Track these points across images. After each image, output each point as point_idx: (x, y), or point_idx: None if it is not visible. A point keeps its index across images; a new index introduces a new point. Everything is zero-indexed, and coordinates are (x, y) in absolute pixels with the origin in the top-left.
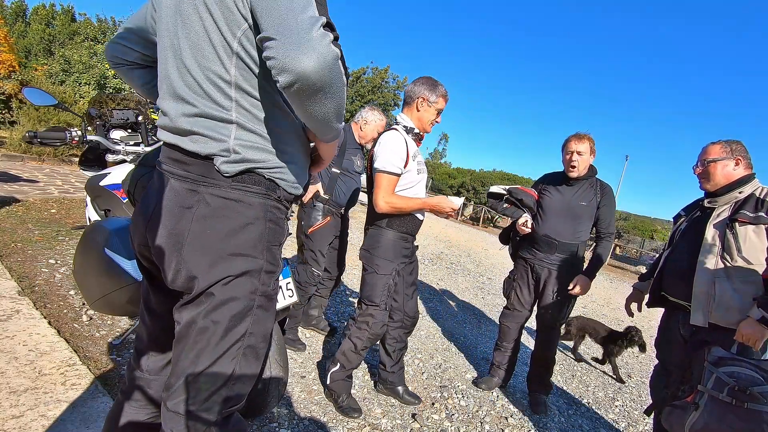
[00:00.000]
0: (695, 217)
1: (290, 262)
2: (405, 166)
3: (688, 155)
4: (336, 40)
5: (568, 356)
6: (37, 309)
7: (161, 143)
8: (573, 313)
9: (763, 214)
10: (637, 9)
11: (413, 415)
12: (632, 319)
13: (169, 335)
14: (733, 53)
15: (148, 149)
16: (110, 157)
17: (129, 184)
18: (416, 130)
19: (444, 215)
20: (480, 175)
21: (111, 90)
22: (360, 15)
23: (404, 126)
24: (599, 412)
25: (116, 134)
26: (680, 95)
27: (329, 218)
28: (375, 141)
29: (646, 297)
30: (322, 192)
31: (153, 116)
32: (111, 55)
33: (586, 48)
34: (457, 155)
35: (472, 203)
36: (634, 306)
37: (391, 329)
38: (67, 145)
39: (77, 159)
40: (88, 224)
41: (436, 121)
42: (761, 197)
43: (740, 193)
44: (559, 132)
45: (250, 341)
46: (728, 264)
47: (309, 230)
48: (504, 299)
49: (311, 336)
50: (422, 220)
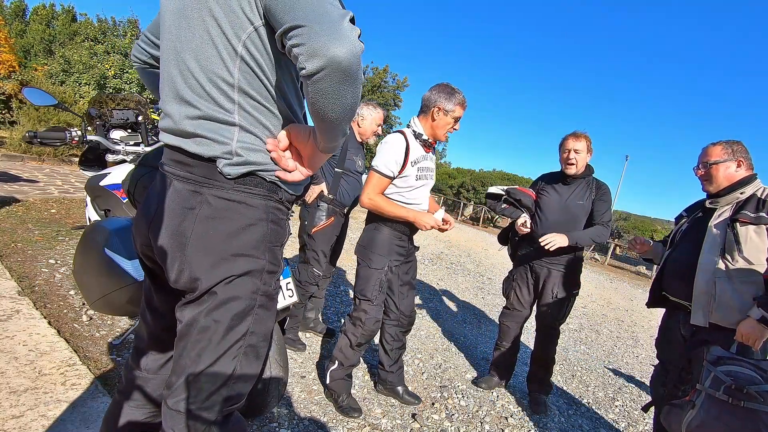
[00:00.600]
0: (696, 218)
1: (290, 262)
2: (401, 171)
3: (689, 155)
4: (359, 36)
5: (568, 356)
6: (37, 309)
7: (161, 143)
8: (573, 312)
9: (764, 215)
10: (638, 9)
11: (413, 415)
12: (632, 318)
13: (170, 334)
14: (734, 53)
15: (148, 149)
16: (110, 157)
17: (129, 184)
18: (425, 137)
19: (425, 229)
20: (480, 175)
21: (111, 90)
22: (360, 15)
23: (413, 131)
24: (599, 412)
25: (116, 134)
26: (680, 95)
27: (333, 219)
28: (377, 137)
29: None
30: (327, 192)
31: (153, 116)
32: (132, 55)
33: (586, 48)
34: (457, 155)
35: (472, 203)
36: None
37: (388, 327)
38: (67, 145)
39: (77, 159)
40: (88, 224)
41: (454, 128)
42: (762, 197)
43: (742, 194)
44: (560, 132)
45: (252, 340)
46: (729, 264)
47: (313, 230)
48: (504, 299)
49: (311, 336)
50: None
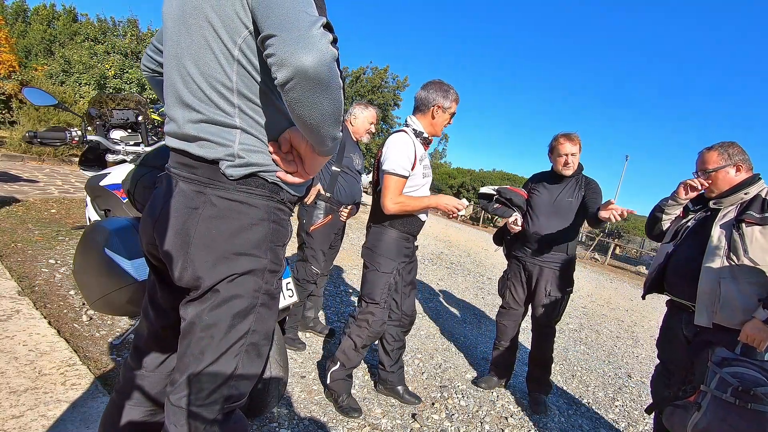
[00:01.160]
0: (701, 217)
1: (289, 261)
2: (412, 169)
3: (689, 155)
4: (335, 42)
5: (568, 356)
6: (37, 309)
7: (161, 143)
8: (573, 312)
9: None
10: (637, 9)
11: (413, 415)
12: (632, 318)
13: (171, 332)
14: (733, 53)
15: (148, 149)
16: (110, 157)
17: (129, 184)
18: (425, 135)
19: (450, 213)
20: (480, 175)
21: (111, 90)
22: (360, 15)
23: (414, 129)
24: (599, 412)
25: (116, 134)
26: (680, 95)
27: (330, 217)
28: (371, 135)
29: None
30: (323, 191)
31: (153, 116)
32: (141, 64)
33: (586, 47)
34: (457, 155)
35: (472, 203)
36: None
37: (389, 328)
38: (67, 145)
39: (77, 159)
40: (88, 224)
41: (449, 123)
42: (767, 198)
43: (746, 194)
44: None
45: (253, 339)
46: (734, 264)
47: (311, 228)
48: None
49: (311, 336)
50: (424, 221)
